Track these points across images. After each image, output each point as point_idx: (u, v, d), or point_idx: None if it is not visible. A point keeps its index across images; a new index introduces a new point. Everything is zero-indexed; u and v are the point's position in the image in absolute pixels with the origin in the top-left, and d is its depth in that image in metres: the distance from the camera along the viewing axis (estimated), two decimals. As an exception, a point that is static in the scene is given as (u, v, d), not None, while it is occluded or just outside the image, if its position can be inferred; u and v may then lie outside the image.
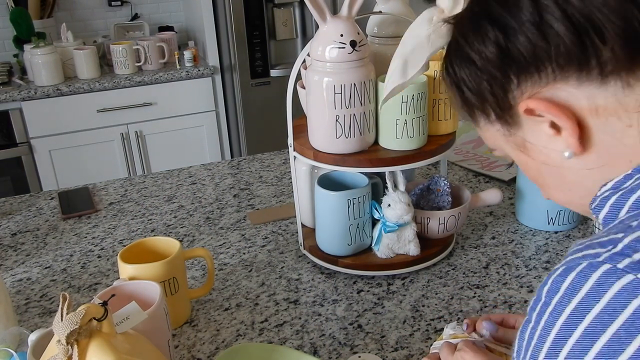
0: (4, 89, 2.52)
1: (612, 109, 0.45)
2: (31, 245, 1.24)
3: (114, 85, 2.60)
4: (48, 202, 1.43)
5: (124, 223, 1.32)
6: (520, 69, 0.47)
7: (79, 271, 1.14)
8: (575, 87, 0.45)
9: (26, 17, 2.67)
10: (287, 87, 1.01)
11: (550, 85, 0.46)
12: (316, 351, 0.89)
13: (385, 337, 0.91)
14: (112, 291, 0.82)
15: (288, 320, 0.96)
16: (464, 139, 1.60)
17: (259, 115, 2.76)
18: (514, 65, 0.47)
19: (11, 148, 2.55)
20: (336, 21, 0.94)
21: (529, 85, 0.47)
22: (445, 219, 1.07)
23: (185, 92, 2.74)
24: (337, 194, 1.02)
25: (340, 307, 0.99)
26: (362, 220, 1.05)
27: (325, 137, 0.99)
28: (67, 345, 0.61)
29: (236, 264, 1.13)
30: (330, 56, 0.94)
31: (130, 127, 2.70)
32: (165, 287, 0.90)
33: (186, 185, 1.49)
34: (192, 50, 2.79)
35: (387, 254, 1.06)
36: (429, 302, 0.98)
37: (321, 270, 1.09)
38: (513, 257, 1.10)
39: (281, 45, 2.76)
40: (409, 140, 1.00)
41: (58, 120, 2.58)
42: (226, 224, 1.28)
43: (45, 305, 1.04)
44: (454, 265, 1.08)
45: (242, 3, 2.57)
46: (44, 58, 2.51)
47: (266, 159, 1.63)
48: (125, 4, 3.07)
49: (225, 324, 0.96)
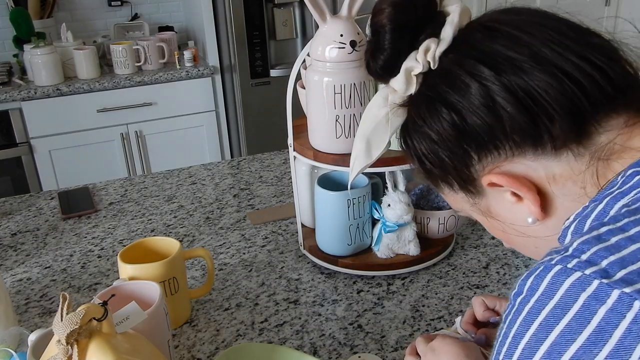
0: (4, 89, 2.51)
1: (568, 175, 0.48)
2: (31, 245, 1.24)
3: (114, 85, 2.60)
4: (48, 202, 1.43)
5: (124, 223, 1.32)
6: (479, 146, 0.49)
7: (79, 271, 1.14)
8: (533, 160, 0.48)
9: (26, 17, 2.67)
10: (287, 87, 1.01)
11: (509, 160, 0.49)
12: (316, 351, 0.89)
13: (385, 337, 0.91)
14: (112, 291, 0.82)
15: (288, 320, 0.96)
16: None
17: (259, 115, 2.76)
18: (472, 142, 0.50)
19: (11, 148, 2.55)
20: (336, 21, 0.94)
21: (490, 161, 0.50)
22: (445, 219, 1.07)
23: (185, 92, 2.74)
24: (337, 194, 1.02)
25: (340, 307, 0.99)
26: (362, 220, 1.05)
27: (325, 137, 0.99)
28: (67, 345, 0.61)
29: (236, 264, 1.13)
30: (330, 56, 0.94)
31: (130, 127, 2.70)
32: (165, 287, 0.90)
33: (186, 185, 1.49)
34: (192, 50, 2.79)
35: (387, 254, 1.06)
36: (429, 302, 0.98)
37: (321, 270, 1.09)
38: (513, 257, 1.10)
39: (281, 45, 2.76)
40: (409, 140, 1.00)
41: (58, 120, 2.57)
42: (226, 224, 1.28)
43: (45, 305, 1.04)
44: (454, 265, 1.08)
45: (242, 3, 2.57)
46: (44, 58, 2.51)
47: (266, 159, 1.63)
48: (125, 4, 3.07)
49: (225, 324, 0.96)
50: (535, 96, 0.46)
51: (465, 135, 0.49)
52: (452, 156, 0.51)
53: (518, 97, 0.47)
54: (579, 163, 0.48)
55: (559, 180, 0.48)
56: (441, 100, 0.50)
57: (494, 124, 0.48)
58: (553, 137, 0.47)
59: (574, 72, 0.46)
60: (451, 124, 0.50)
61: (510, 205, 0.51)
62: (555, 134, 0.47)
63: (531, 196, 0.49)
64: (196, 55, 2.82)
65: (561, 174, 0.48)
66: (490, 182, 0.50)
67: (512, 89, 0.47)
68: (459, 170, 0.52)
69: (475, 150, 0.50)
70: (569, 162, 0.48)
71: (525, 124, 0.47)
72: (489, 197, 0.53)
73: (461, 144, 0.50)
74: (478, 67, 0.48)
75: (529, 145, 0.48)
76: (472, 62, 0.49)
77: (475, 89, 0.48)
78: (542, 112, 0.46)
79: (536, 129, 0.47)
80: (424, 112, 0.52)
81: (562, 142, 0.47)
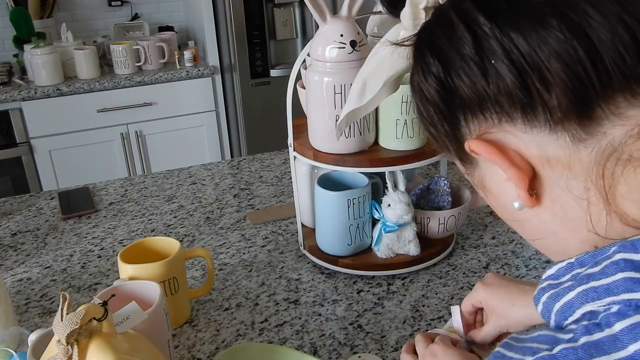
0: (4, 89, 2.52)
1: (565, 163, 0.40)
2: (31, 245, 1.24)
3: (114, 85, 2.60)
4: (48, 202, 1.43)
5: (124, 223, 1.32)
6: (465, 107, 0.43)
7: (79, 271, 1.14)
8: (524, 132, 0.41)
9: (26, 17, 2.67)
10: (287, 87, 1.01)
11: (498, 127, 0.42)
12: (316, 351, 0.89)
13: (385, 337, 0.91)
14: (112, 291, 0.82)
15: (288, 320, 0.96)
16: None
17: (259, 115, 2.76)
18: (457, 101, 0.43)
19: (11, 148, 2.55)
20: (336, 21, 0.94)
21: (477, 125, 0.43)
22: (445, 219, 1.07)
23: (185, 92, 2.74)
24: (337, 194, 1.02)
25: (340, 307, 0.99)
26: (362, 220, 1.05)
27: (325, 137, 0.99)
28: (67, 345, 0.61)
29: (236, 264, 1.13)
30: (330, 56, 0.94)
31: (130, 127, 2.70)
32: (165, 287, 0.90)
33: (186, 185, 1.49)
34: (192, 50, 2.79)
35: (387, 254, 1.06)
36: (429, 302, 0.98)
37: (321, 270, 1.09)
38: (513, 257, 1.10)
39: (281, 45, 2.76)
40: (409, 140, 1.00)
41: (58, 120, 2.57)
42: (226, 224, 1.28)
43: (45, 305, 1.04)
44: (454, 265, 1.08)
45: (242, 3, 2.57)
46: (44, 58, 2.51)
47: (266, 159, 1.63)
48: (125, 4, 3.07)
49: (225, 324, 0.96)
50: (530, 54, 0.38)
51: (449, 91, 0.43)
52: (440, 114, 0.45)
53: (510, 56, 0.39)
54: (580, 152, 0.39)
55: (554, 165, 0.40)
56: (431, 45, 0.43)
57: (478, 81, 0.41)
58: (549, 108, 0.39)
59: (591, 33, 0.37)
60: (436, 76, 0.43)
61: (503, 182, 0.44)
62: (550, 105, 0.38)
63: (515, 173, 0.41)
64: (196, 55, 2.82)
65: (557, 158, 0.40)
66: (470, 148, 0.43)
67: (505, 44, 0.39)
68: (447, 132, 0.46)
69: (460, 110, 0.43)
70: (567, 145, 0.39)
71: (515, 86, 0.39)
72: (482, 168, 0.46)
73: (445, 101, 0.44)
74: (473, 13, 0.41)
75: (518, 112, 0.40)
76: (469, 5, 0.41)
77: (464, 36, 0.41)
78: (536, 75, 0.38)
79: (527, 94, 0.39)
80: (415, 57, 0.45)
81: (559, 117, 0.39)
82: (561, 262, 0.42)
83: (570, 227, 0.42)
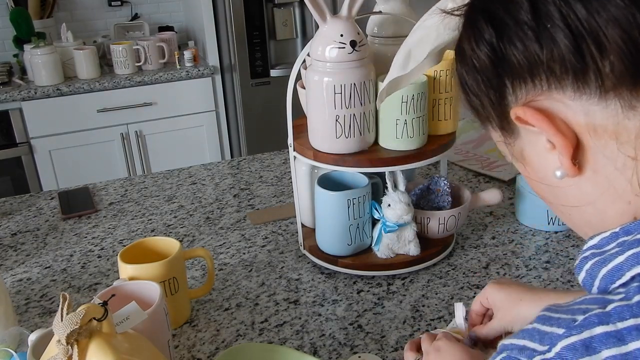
0: (4, 89, 2.52)
1: (612, 132, 0.40)
2: (31, 245, 1.24)
3: (114, 85, 2.60)
4: (48, 202, 1.43)
5: (124, 223, 1.32)
6: (514, 74, 0.43)
7: (79, 271, 1.14)
8: (573, 100, 0.41)
9: (26, 17, 2.67)
10: (287, 87, 1.01)
11: (546, 94, 0.42)
12: (316, 351, 0.89)
13: (385, 337, 0.91)
14: (112, 291, 0.82)
15: (288, 321, 0.96)
16: (464, 139, 1.60)
17: (259, 115, 2.76)
18: (507, 68, 0.43)
19: (11, 148, 2.55)
20: (336, 21, 0.94)
21: (524, 92, 0.43)
22: (445, 219, 1.07)
23: (185, 92, 2.74)
24: (337, 194, 1.02)
25: (340, 307, 0.99)
26: (362, 220, 1.05)
27: (325, 137, 0.99)
28: (67, 345, 0.61)
29: (236, 264, 1.13)
30: (330, 56, 0.94)
31: (130, 127, 2.70)
32: (165, 287, 0.90)
33: (186, 185, 1.49)
34: (192, 50, 2.79)
35: (387, 254, 1.06)
36: (429, 302, 0.98)
37: (321, 270, 1.09)
38: (513, 257, 1.10)
39: (281, 45, 2.76)
40: (409, 140, 1.00)
41: (58, 120, 2.58)
42: (226, 224, 1.28)
43: (45, 305, 1.04)
44: (454, 265, 1.08)
45: (242, 3, 2.57)
46: (44, 58, 2.51)
47: (266, 159, 1.63)
48: (125, 4, 3.07)
49: (225, 324, 0.96)
50: (587, 19, 0.39)
51: (500, 57, 0.43)
52: (487, 82, 0.45)
53: (567, 20, 0.39)
54: (628, 120, 0.40)
55: (600, 134, 0.41)
56: (485, 12, 0.44)
57: (531, 46, 0.41)
58: (601, 74, 0.39)
59: None
60: (488, 42, 0.43)
61: (544, 152, 0.44)
62: (604, 71, 0.39)
63: (561, 141, 0.41)
64: (196, 55, 2.82)
65: (604, 127, 0.40)
66: (517, 116, 0.43)
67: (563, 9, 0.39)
68: (492, 101, 0.46)
69: (509, 77, 0.43)
70: (616, 114, 0.40)
71: (569, 51, 0.39)
72: (523, 138, 0.46)
73: (495, 69, 0.44)
74: None
75: (569, 78, 0.40)
76: None
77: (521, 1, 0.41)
78: (592, 40, 0.39)
79: (581, 59, 0.39)
80: (466, 26, 0.46)
81: (612, 84, 0.39)
82: (604, 233, 0.43)
83: (610, 197, 0.43)
